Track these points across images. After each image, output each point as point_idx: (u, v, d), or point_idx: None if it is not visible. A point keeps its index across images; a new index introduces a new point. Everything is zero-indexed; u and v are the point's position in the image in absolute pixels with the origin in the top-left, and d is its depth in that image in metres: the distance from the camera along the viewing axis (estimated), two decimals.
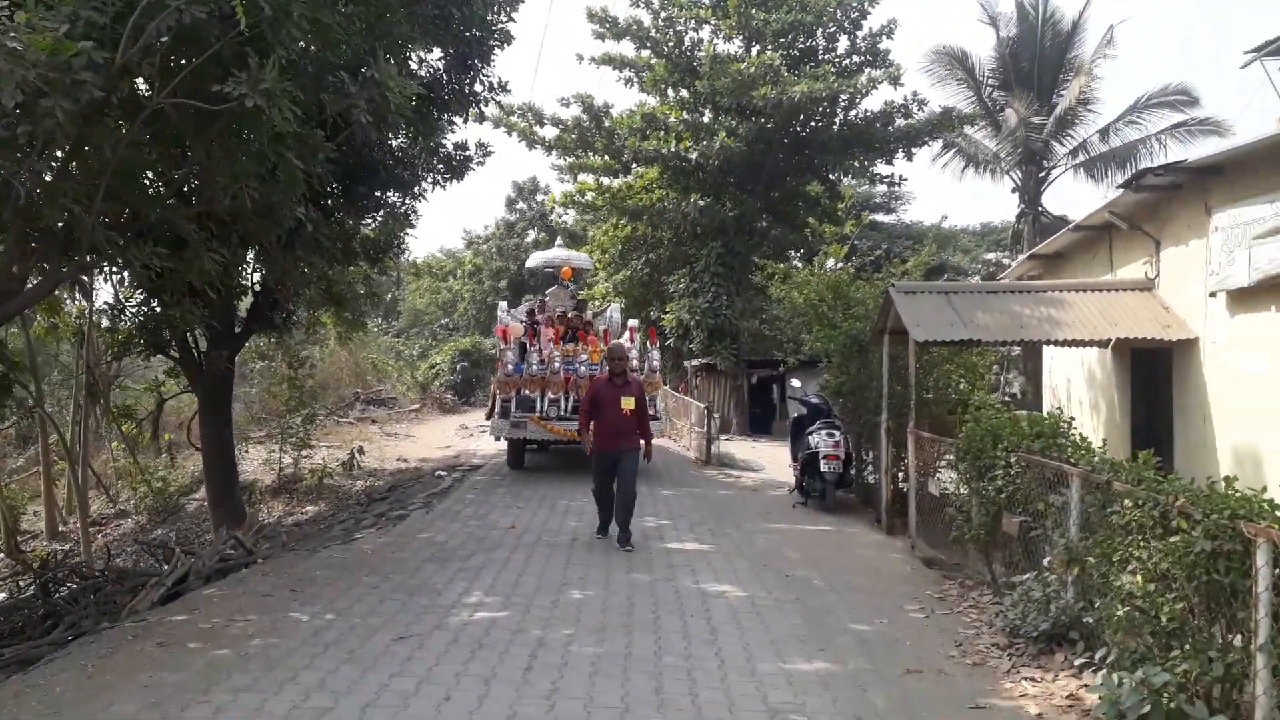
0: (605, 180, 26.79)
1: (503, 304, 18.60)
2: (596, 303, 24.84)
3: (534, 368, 13.48)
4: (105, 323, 14.73)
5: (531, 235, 40.08)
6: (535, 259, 20.30)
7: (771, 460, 17.36)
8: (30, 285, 6.97)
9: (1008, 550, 7.05)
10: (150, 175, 8.31)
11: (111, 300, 12.27)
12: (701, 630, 6.03)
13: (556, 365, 13.39)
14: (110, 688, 4.87)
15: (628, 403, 8.75)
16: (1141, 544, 4.60)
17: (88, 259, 6.81)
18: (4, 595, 9.44)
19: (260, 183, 8.51)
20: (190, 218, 9.24)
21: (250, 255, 12.87)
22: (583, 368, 13.33)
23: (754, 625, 6.19)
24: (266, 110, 6.15)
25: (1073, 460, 6.09)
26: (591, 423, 8.98)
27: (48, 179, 6.25)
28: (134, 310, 12.18)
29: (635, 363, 13.32)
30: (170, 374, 14.33)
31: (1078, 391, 12.18)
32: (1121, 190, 9.53)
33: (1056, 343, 9.64)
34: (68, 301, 15.49)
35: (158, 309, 11.76)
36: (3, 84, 4.75)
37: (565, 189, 28.32)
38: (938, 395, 10.99)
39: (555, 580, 7.41)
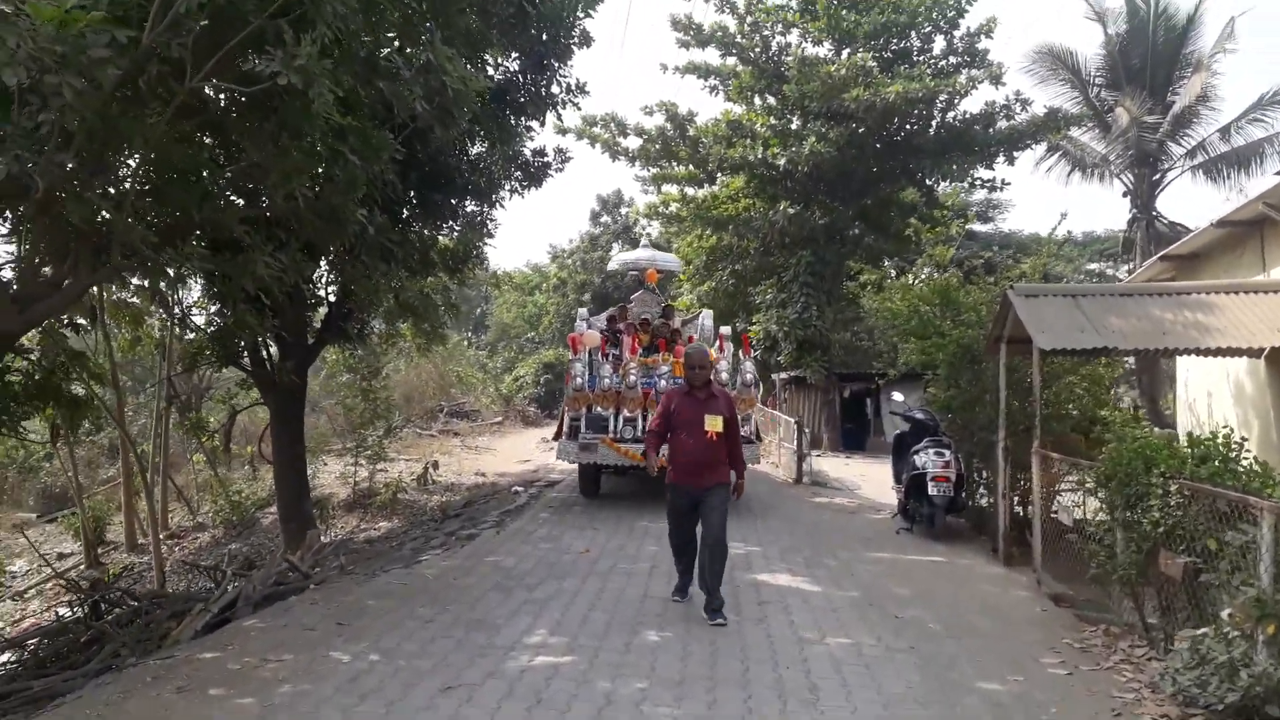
0: (690, 190, 26.06)
1: (582, 310, 17.02)
2: (685, 312, 23.79)
3: (606, 381, 11.89)
4: (188, 334, 14.54)
5: (615, 249, 39.59)
6: (616, 261, 18.50)
7: (867, 479, 16.26)
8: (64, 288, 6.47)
9: (1165, 594, 5.95)
10: (201, 175, 7.80)
11: (186, 310, 11.98)
12: (799, 687, 5.10)
13: (633, 378, 11.72)
14: None
15: (714, 423, 6.63)
16: None
17: (123, 262, 6.27)
18: (63, 614, 9.05)
19: (317, 182, 8.00)
20: (245, 220, 8.77)
21: (323, 264, 12.54)
22: (664, 381, 11.62)
23: (862, 681, 5.23)
24: (302, 89, 5.51)
25: (1260, 490, 5.01)
26: (664, 447, 6.98)
27: (75, 174, 5.71)
28: (205, 320, 11.90)
29: (725, 376, 12.03)
30: (242, 385, 14.04)
31: (1222, 407, 10.80)
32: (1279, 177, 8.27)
33: (1207, 352, 8.40)
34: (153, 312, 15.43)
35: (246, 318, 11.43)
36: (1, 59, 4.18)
37: (649, 200, 27.71)
38: (1058, 411, 9.83)
39: (629, 617, 6.56)
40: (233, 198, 9.08)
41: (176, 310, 12.52)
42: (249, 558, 12.58)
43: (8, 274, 6.77)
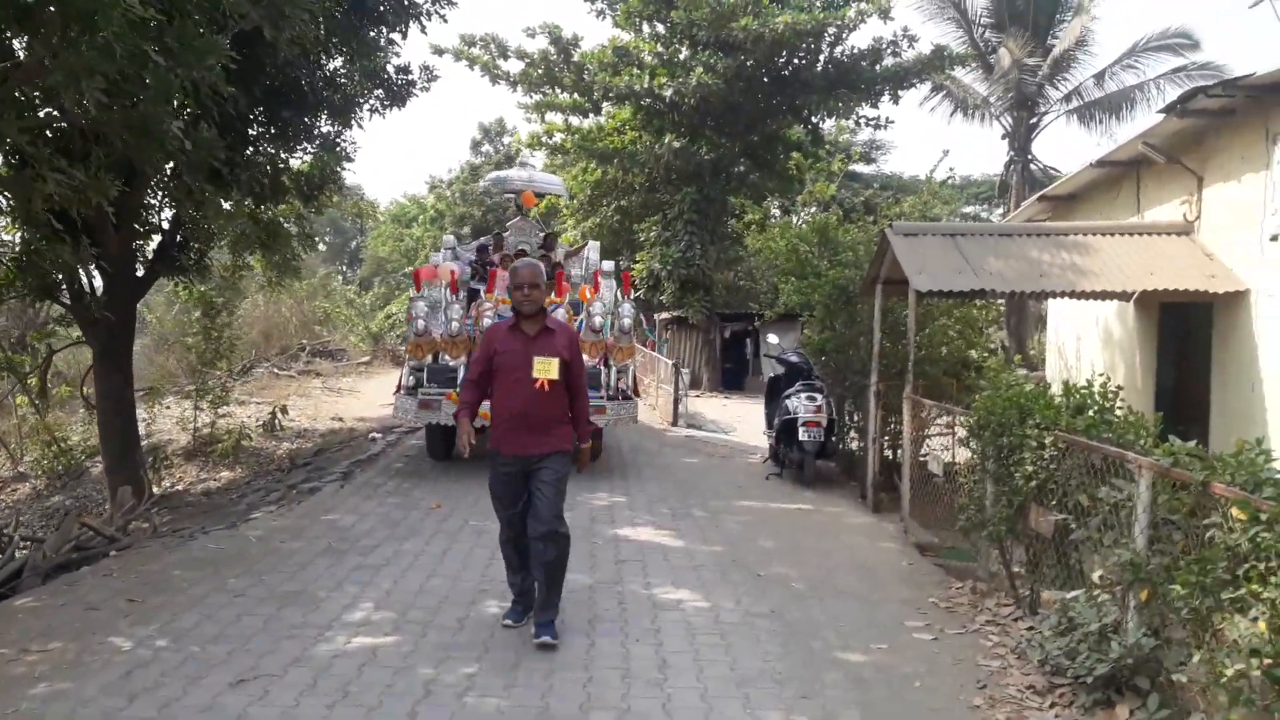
0: (574, 120, 25.08)
1: (448, 237, 14.39)
2: (569, 245, 22.01)
3: (455, 324, 9.73)
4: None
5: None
6: (488, 180, 15.06)
7: (744, 420, 16.03)
8: None
9: (1034, 551, 5.69)
10: None
11: None
12: (647, 665, 4.59)
13: (487, 320, 9.37)
14: None
15: (544, 367, 4.86)
16: (1274, 580, 3.19)
17: None
18: None
19: (119, 88, 6.89)
20: (47, 129, 7.59)
21: (153, 185, 11.29)
22: None
23: (717, 655, 4.76)
24: None
25: (1134, 444, 4.70)
26: (485, 402, 5.16)
27: None
28: (10, 247, 10.50)
29: (599, 320, 9.98)
30: (61, 321, 12.67)
31: (1090, 352, 10.80)
32: (1162, 116, 8.03)
33: (1082, 294, 8.21)
34: None
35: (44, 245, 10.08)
36: None
37: (532, 129, 26.55)
38: (931, 354, 9.63)
39: (471, 585, 5.94)
40: (36, 104, 7.88)
41: None
42: (72, 512, 11.42)
43: None
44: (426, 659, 4.59)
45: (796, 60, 22.35)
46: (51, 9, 6.05)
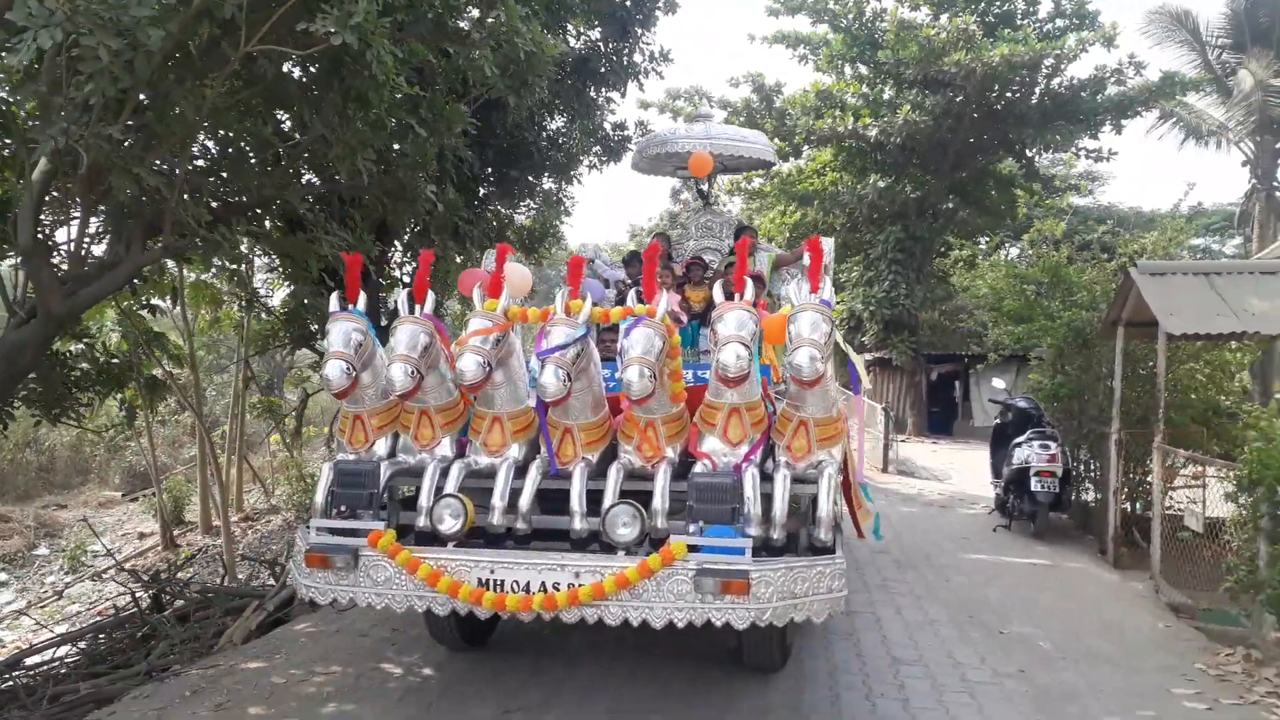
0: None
1: (589, 245, 9.63)
2: (771, 245, 10.56)
3: (398, 369, 4.36)
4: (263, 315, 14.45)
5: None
6: (641, 144, 8.91)
7: (956, 467, 15.39)
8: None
9: None
10: (263, 149, 7.46)
11: (253, 291, 11.83)
12: None
13: (472, 360, 4.34)
14: None
15: None
16: None
17: (176, 241, 5.95)
18: (120, 606, 8.91)
19: (382, 156, 7.61)
20: (317, 198, 8.45)
21: (397, 245, 12.29)
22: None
23: (968, 714, 4.60)
24: (358, 50, 5.07)
25: None
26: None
27: (126, 148, 5.37)
28: (281, 302, 11.71)
29: (734, 355, 4.23)
30: (315, 367, 13.88)
31: None
32: None
33: None
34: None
35: (304, 300, 11.17)
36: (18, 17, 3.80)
37: (731, 176, 26.93)
38: (1179, 399, 8.93)
39: None
40: (306, 175, 8.83)
41: (245, 291, 12.35)
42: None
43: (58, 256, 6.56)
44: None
45: (1010, 94, 21.54)
46: (332, 92, 6.76)
